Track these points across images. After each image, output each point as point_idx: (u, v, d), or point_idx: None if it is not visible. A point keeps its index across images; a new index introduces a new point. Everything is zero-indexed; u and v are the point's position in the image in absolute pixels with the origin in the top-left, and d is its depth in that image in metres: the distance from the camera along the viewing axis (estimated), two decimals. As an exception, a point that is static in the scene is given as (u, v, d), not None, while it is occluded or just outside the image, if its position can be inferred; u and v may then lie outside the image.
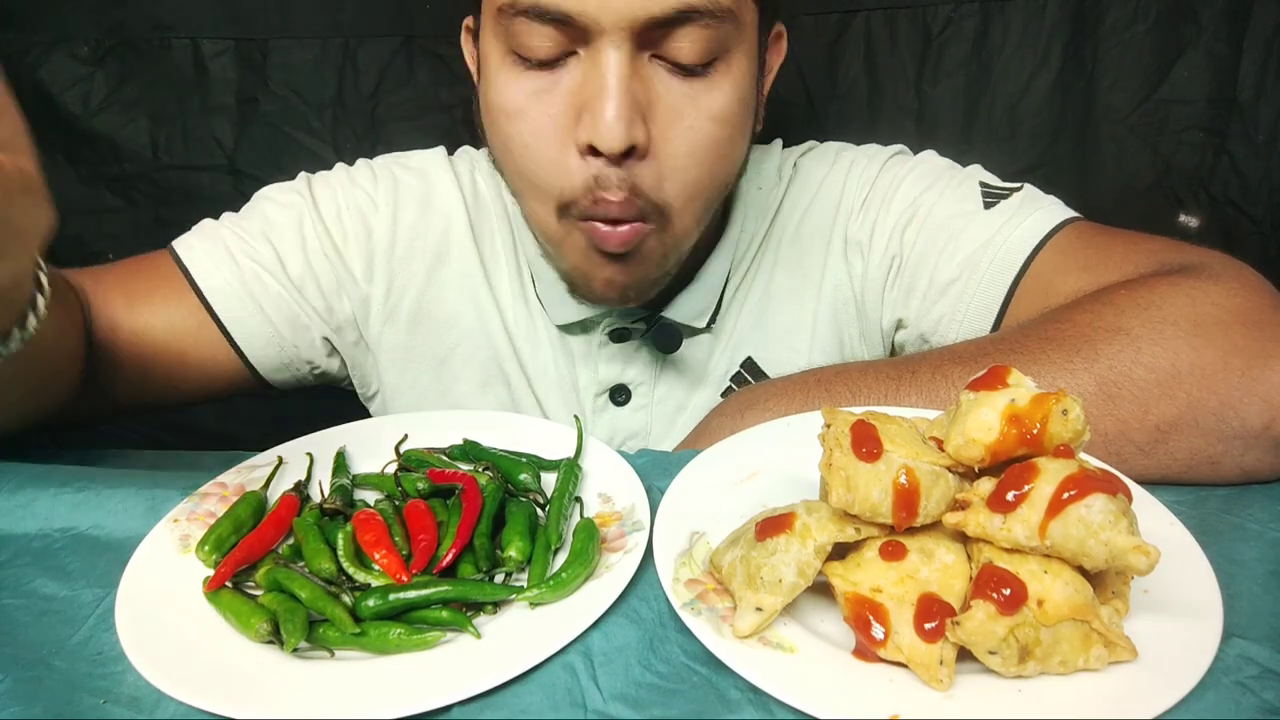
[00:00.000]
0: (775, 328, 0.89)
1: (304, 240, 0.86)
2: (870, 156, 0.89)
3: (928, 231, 0.82)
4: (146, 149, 1.20)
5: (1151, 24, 1.10)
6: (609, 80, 0.65)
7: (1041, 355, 0.65)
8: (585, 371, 0.89)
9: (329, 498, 0.62)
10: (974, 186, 0.83)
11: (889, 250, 0.84)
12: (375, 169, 0.91)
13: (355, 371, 0.93)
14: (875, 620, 0.46)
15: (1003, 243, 0.78)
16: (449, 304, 0.89)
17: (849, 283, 0.88)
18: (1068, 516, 0.45)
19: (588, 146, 0.67)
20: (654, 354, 0.88)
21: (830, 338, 0.88)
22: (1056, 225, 0.77)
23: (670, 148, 0.70)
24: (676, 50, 0.67)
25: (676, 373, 0.89)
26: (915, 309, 0.83)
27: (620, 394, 0.89)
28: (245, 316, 0.84)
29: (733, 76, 0.71)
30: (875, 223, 0.85)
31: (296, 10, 1.16)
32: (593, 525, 0.57)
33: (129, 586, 0.54)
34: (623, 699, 0.46)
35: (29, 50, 1.16)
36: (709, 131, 0.71)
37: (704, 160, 0.72)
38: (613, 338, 0.87)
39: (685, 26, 0.66)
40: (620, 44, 0.65)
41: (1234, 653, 0.47)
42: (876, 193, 0.86)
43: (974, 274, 0.79)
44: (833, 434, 0.50)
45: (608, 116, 0.65)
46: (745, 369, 0.89)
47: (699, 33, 0.67)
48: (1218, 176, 1.15)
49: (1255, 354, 0.61)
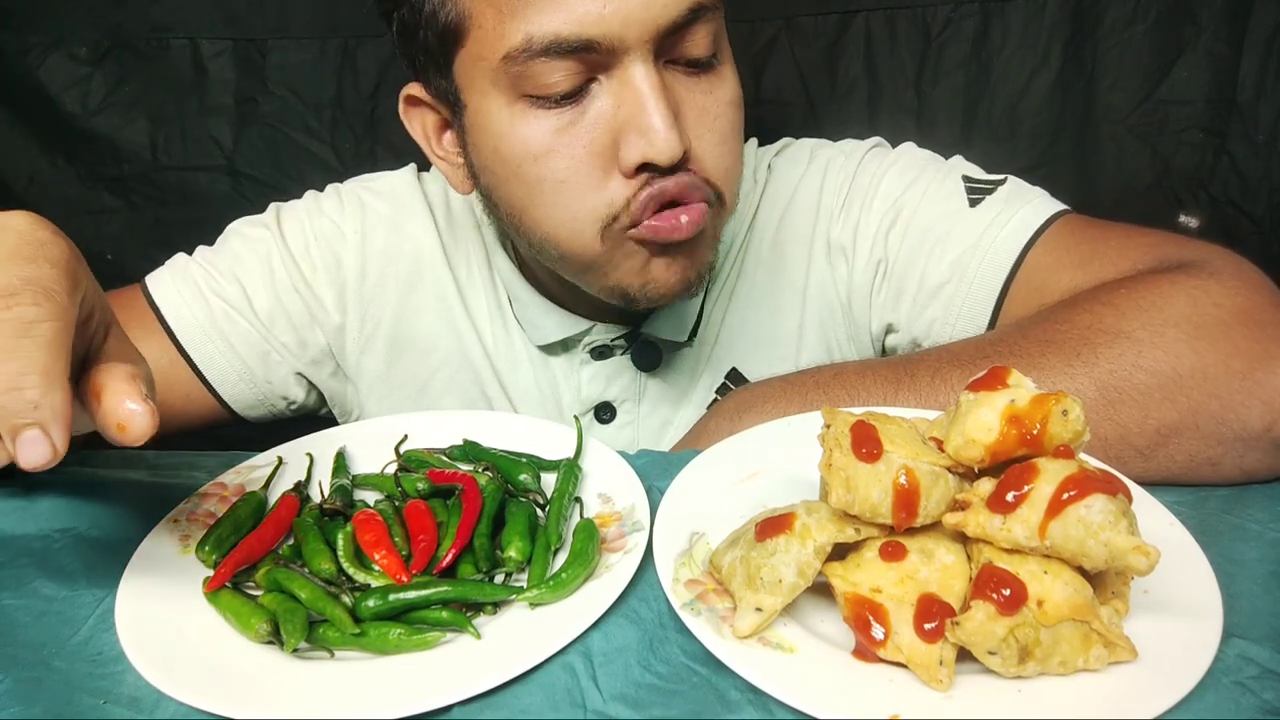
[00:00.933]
0: (759, 337, 0.87)
1: (272, 275, 0.86)
2: (847, 154, 0.87)
3: (914, 233, 0.81)
4: (145, 149, 1.20)
5: (1151, 24, 1.10)
6: (646, 94, 0.65)
7: (1041, 359, 0.64)
8: (568, 390, 0.88)
9: (329, 498, 0.62)
10: (957, 182, 0.81)
11: (874, 254, 0.83)
12: (343, 195, 0.90)
13: (335, 402, 0.93)
14: (875, 620, 0.46)
15: (991, 242, 0.77)
16: (426, 329, 0.89)
17: (834, 287, 0.86)
18: (1067, 517, 0.45)
19: (637, 166, 0.67)
20: (635, 371, 0.87)
21: (818, 344, 0.87)
22: (1046, 221, 0.76)
23: (707, 142, 0.70)
24: (690, 48, 0.68)
25: (660, 389, 0.88)
26: (905, 313, 0.82)
27: (605, 412, 0.88)
28: (216, 355, 0.84)
29: (729, 62, 0.73)
30: (858, 225, 0.84)
31: (295, 11, 1.16)
32: (592, 525, 0.57)
33: (129, 586, 0.54)
34: (623, 699, 0.46)
35: (29, 50, 1.16)
36: (731, 117, 0.72)
37: (734, 143, 0.73)
38: (593, 355, 0.86)
39: (696, 24, 0.67)
40: (645, 57, 0.66)
41: (1234, 653, 0.47)
42: (856, 193, 0.84)
43: (964, 276, 0.78)
44: (832, 434, 0.50)
45: (658, 128, 0.65)
46: (730, 380, 0.88)
47: (706, 26, 0.68)
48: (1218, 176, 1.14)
49: (1257, 356, 0.61)
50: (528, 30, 0.64)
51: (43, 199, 1.21)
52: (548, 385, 0.88)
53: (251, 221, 0.89)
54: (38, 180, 1.21)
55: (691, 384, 0.88)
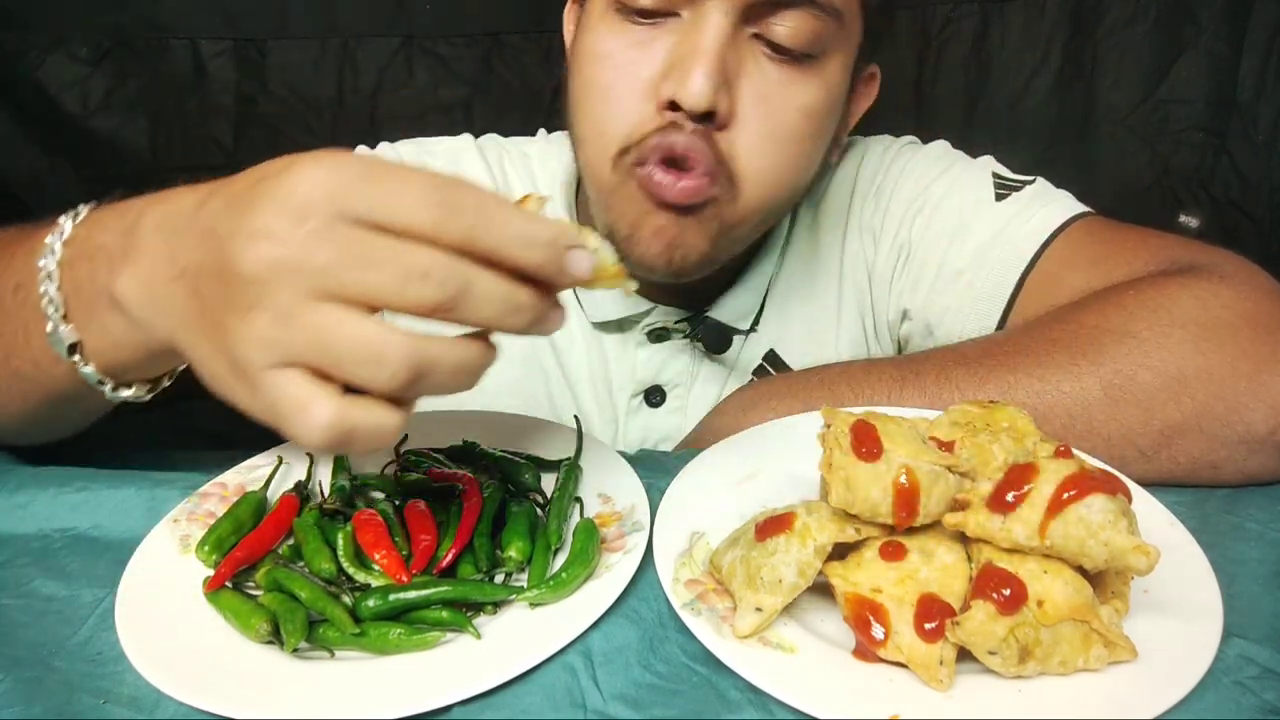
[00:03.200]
0: (797, 319, 0.87)
1: None
2: (885, 145, 0.89)
3: (937, 220, 0.81)
4: (146, 149, 1.20)
5: (1151, 24, 1.11)
6: (705, 41, 0.65)
7: (1047, 358, 0.64)
8: (620, 371, 0.87)
9: (329, 498, 0.62)
10: (986, 176, 0.82)
11: (898, 239, 0.84)
12: (402, 155, 0.89)
13: None
14: (875, 620, 0.46)
15: (1012, 235, 0.77)
16: None
17: (864, 270, 0.87)
18: (1067, 516, 0.45)
19: (668, 102, 0.67)
20: (693, 355, 0.86)
21: (855, 325, 0.87)
22: (1067, 220, 0.77)
23: (751, 126, 0.69)
24: (779, 31, 0.67)
25: (714, 374, 0.87)
26: (922, 298, 0.82)
27: (655, 395, 0.87)
28: None
29: (825, 77, 0.71)
30: (887, 209, 0.85)
31: (295, 11, 1.16)
32: (593, 525, 0.57)
33: (129, 586, 0.54)
34: (623, 699, 0.46)
35: (29, 50, 1.16)
36: (792, 121, 0.70)
37: (783, 147, 0.71)
38: (651, 338, 0.85)
39: (794, 9, 0.66)
40: (728, 11, 0.65)
41: (1234, 653, 0.47)
42: (889, 179, 0.85)
43: (982, 266, 0.78)
44: (833, 434, 0.50)
45: (696, 74, 0.65)
46: (768, 361, 0.87)
47: (804, 20, 0.67)
48: (1218, 176, 1.15)
49: (1263, 359, 0.61)
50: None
51: (43, 199, 1.21)
52: (599, 364, 0.87)
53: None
54: (38, 180, 1.21)
55: (736, 369, 0.88)
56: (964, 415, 0.55)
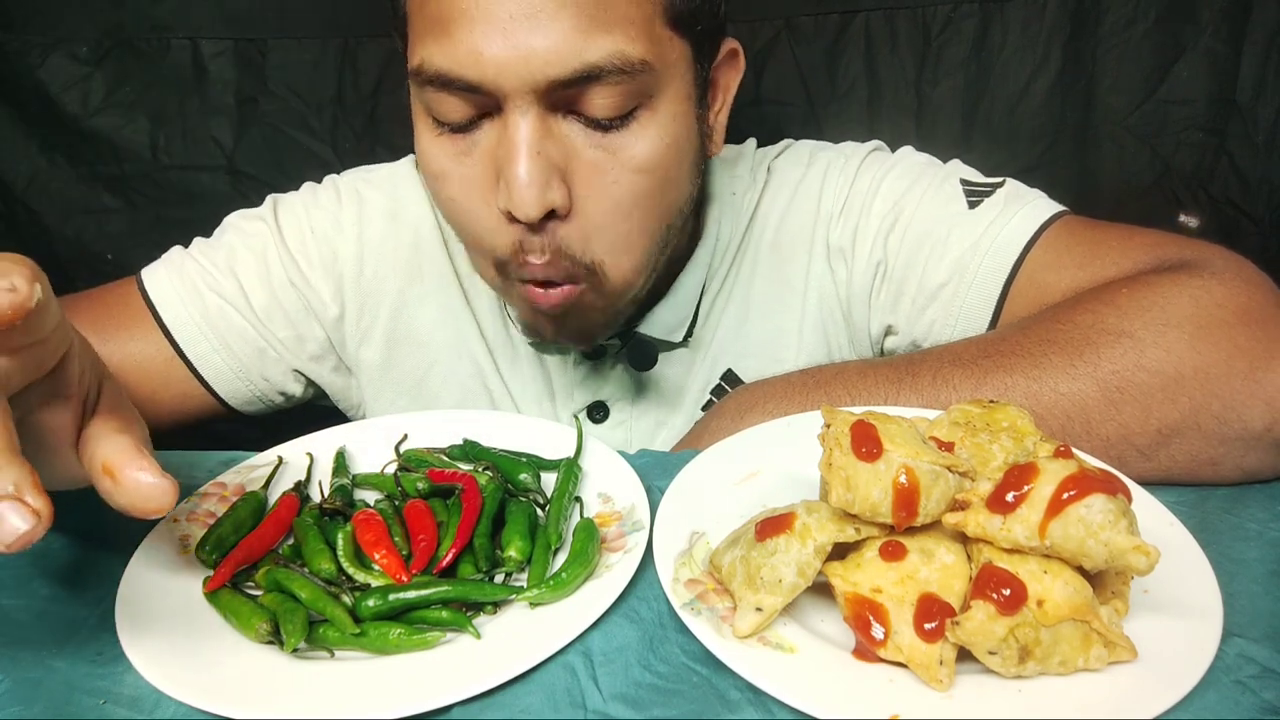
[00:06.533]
0: (756, 338, 0.87)
1: (268, 271, 0.85)
2: (847, 156, 0.86)
3: (913, 235, 0.80)
4: (146, 149, 1.20)
5: (1151, 24, 1.10)
6: (518, 146, 0.63)
7: (1043, 358, 0.64)
8: (561, 388, 0.88)
9: (329, 498, 0.62)
10: (956, 185, 0.81)
11: (873, 256, 0.82)
12: (340, 187, 0.89)
13: (340, 398, 0.93)
14: (875, 620, 0.46)
15: (991, 243, 0.77)
16: (426, 321, 0.88)
17: (834, 290, 0.86)
18: (1067, 516, 0.45)
19: (507, 213, 0.66)
20: (630, 370, 0.86)
21: (818, 345, 0.87)
22: (1045, 222, 0.76)
23: (593, 205, 0.67)
24: (590, 107, 0.64)
25: (654, 389, 0.88)
26: (905, 315, 0.82)
27: (598, 411, 0.88)
28: (211, 352, 0.84)
29: (658, 123, 0.67)
30: (857, 228, 0.83)
31: (295, 10, 1.16)
32: (592, 525, 0.57)
33: (129, 586, 0.54)
34: (623, 699, 0.46)
35: (29, 50, 1.16)
36: (633, 183, 0.68)
37: (631, 213, 0.69)
38: (586, 355, 0.86)
39: (595, 85, 0.63)
40: (527, 108, 0.63)
41: (1234, 652, 0.47)
42: (856, 196, 0.84)
43: (964, 277, 0.77)
44: (833, 434, 0.50)
45: (520, 184, 0.63)
46: (726, 381, 0.87)
47: (611, 89, 0.64)
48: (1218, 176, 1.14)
49: (1258, 355, 0.61)
50: (423, 56, 0.64)
51: (43, 199, 1.21)
52: (542, 381, 0.88)
53: (248, 215, 0.88)
54: (38, 180, 1.21)
55: (686, 385, 0.88)
56: (964, 415, 0.55)
